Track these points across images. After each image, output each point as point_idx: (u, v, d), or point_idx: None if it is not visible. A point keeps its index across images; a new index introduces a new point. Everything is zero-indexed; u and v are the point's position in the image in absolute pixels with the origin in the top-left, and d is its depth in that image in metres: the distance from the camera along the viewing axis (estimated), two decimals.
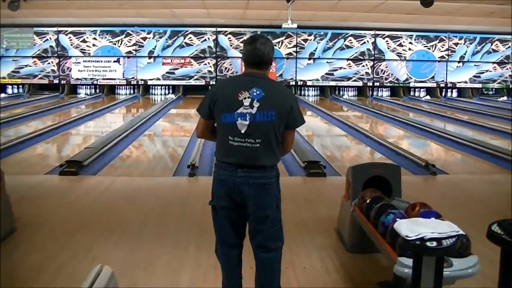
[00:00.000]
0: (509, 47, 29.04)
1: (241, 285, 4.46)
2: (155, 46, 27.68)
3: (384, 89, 29.27)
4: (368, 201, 5.18)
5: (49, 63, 27.69)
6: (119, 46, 27.62)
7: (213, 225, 4.44)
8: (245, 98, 4.05)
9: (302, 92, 28.66)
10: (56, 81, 27.76)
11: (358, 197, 5.49)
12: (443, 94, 29.51)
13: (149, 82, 28.01)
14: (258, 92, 4.06)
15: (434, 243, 3.69)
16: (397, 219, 4.32)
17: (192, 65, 27.78)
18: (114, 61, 27.73)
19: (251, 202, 4.16)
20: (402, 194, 5.81)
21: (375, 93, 29.17)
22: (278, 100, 4.13)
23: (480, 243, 4.11)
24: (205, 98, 4.28)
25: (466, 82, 29.31)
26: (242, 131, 4.05)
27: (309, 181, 9.49)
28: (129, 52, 27.68)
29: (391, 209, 4.70)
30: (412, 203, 4.89)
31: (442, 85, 29.22)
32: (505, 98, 28.64)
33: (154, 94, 28.20)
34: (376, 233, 4.63)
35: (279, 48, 27.85)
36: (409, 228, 3.90)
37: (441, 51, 28.84)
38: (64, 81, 27.82)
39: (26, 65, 27.64)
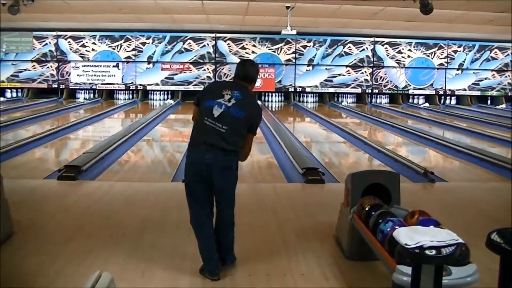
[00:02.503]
0: (508, 54, 29.12)
1: (213, 244, 5.39)
2: (154, 51, 27.73)
3: (383, 96, 29.34)
4: (367, 209, 5.18)
5: (48, 67, 27.72)
6: (118, 51, 27.65)
7: (187, 200, 5.46)
8: (227, 94, 5.21)
9: (301, 99, 28.71)
10: (55, 86, 27.79)
11: (357, 204, 5.49)
12: (442, 101, 29.55)
13: (148, 87, 28.05)
14: (238, 95, 5.24)
15: (434, 251, 3.69)
16: (396, 227, 4.32)
17: (191, 70, 27.81)
18: (113, 66, 27.76)
19: (216, 178, 5.18)
20: (401, 201, 5.81)
21: (373, 100, 29.23)
22: (250, 106, 5.34)
23: (479, 252, 4.11)
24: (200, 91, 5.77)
25: (465, 89, 29.35)
26: (215, 115, 5.13)
27: (307, 187, 9.47)
28: (128, 57, 27.73)
29: (390, 217, 4.69)
30: (411, 211, 4.89)
31: (441, 92, 29.26)
32: (503, 106, 28.67)
33: (153, 99, 28.24)
34: (375, 241, 4.63)
35: (278, 54, 27.91)
36: (408, 236, 3.90)
37: (440, 59, 28.90)
38: (63, 86, 27.84)
39: (25, 69, 27.67)
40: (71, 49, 27.61)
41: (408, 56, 28.69)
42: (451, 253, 3.74)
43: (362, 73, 28.56)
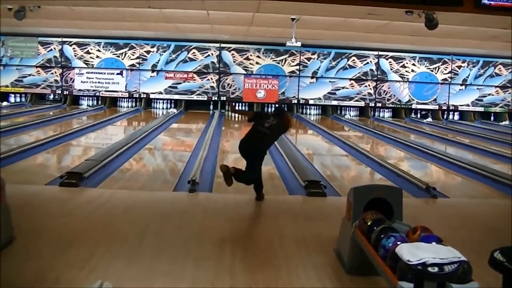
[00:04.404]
0: None
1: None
2: (159, 60, 27.75)
3: (386, 110, 29.33)
4: (369, 223, 5.17)
5: (52, 73, 27.76)
6: (122, 59, 27.68)
7: None
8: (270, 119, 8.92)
9: (304, 111, 28.71)
10: (58, 91, 27.83)
11: (359, 218, 5.48)
12: (445, 116, 29.56)
13: (152, 96, 28.06)
14: (276, 120, 8.95)
15: (436, 269, 3.68)
16: (398, 243, 4.32)
17: (195, 80, 27.83)
18: (117, 74, 27.79)
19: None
20: (402, 216, 5.80)
21: (376, 113, 29.23)
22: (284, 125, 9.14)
23: (481, 269, 4.09)
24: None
25: (468, 105, 29.34)
26: (266, 126, 8.80)
27: (309, 200, 9.44)
28: (133, 65, 27.76)
29: (392, 232, 4.68)
30: (413, 226, 4.88)
31: (444, 107, 29.25)
32: (506, 122, 28.66)
33: (156, 108, 28.27)
34: (376, 256, 4.62)
35: (282, 65, 27.93)
36: (411, 252, 3.89)
37: (444, 74, 28.88)
38: (67, 92, 27.88)
39: (29, 74, 27.71)
40: (75, 56, 27.66)
41: (412, 71, 28.70)
42: (454, 271, 3.73)
43: (366, 86, 28.57)
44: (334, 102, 28.60)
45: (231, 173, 8.53)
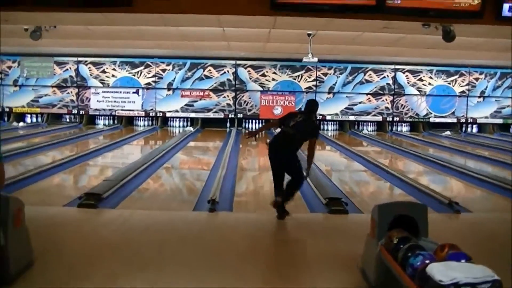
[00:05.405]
0: None
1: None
2: (174, 78, 27.82)
3: (403, 124, 29.20)
4: (395, 242, 5.05)
5: (68, 93, 27.88)
6: (138, 77, 27.76)
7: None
8: (298, 116, 8.99)
9: (321, 127, 28.56)
10: (74, 111, 27.94)
11: (385, 236, 5.36)
12: (464, 129, 29.37)
13: (168, 114, 28.12)
14: (304, 117, 8.94)
15: None
16: (427, 261, 4.20)
17: (211, 97, 27.84)
18: (133, 92, 27.87)
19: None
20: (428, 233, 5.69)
21: (394, 128, 29.09)
22: (311, 124, 9.07)
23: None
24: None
25: (486, 117, 29.14)
26: (290, 125, 8.86)
27: (330, 218, 9.33)
28: (148, 83, 27.83)
29: (420, 250, 4.57)
30: (440, 244, 4.75)
31: (463, 120, 29.07)
32: None
33: (173, 126, 28.30)
34: (404, 275, 4.50)
35: (299, 81, 27.89)
36: (442, 272, 3.78)
37: (462, 86, 28.73)
38: (83, 111, 27.97)
39: (45, 94, 27.85)
40: (91, 75, 27.80)
41: (429, 84, 28.58)
42: None
43: (383, 101, 28.47)
44: (352, 118, 28.53)
45: (280, 205, 8.81)
